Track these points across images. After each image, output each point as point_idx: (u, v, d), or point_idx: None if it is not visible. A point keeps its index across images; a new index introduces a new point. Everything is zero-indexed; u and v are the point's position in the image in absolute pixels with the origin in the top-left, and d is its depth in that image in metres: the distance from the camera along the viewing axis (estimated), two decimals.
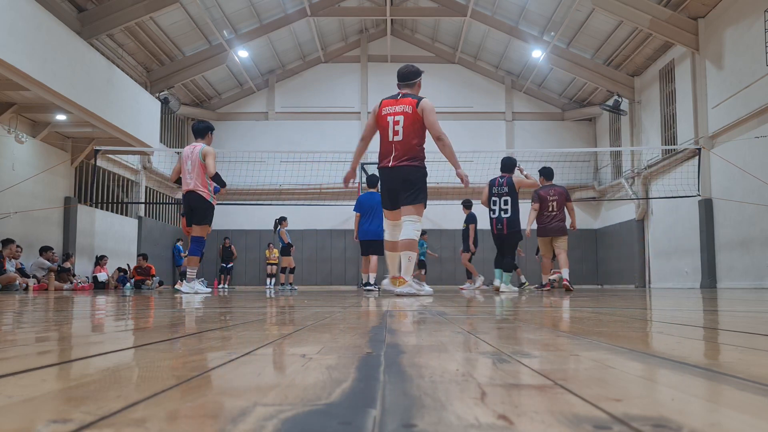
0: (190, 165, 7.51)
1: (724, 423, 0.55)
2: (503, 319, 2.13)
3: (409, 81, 5.61)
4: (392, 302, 4.02)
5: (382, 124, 5.48)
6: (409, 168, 5.39)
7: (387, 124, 5.43)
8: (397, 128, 5.37)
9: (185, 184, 7.55)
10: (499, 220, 8.59)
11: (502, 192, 8.60)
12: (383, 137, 5.49)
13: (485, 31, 18.61)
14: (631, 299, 4.76)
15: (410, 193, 5.42)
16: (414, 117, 5.37)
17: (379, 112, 5.52)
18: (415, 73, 5.65)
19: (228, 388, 0.72)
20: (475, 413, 0.58)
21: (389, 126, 5.41)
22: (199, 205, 7.50)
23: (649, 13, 13.97)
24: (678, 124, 15.26)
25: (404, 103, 5.43)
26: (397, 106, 5.44)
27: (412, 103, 5.40)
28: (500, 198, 8.60)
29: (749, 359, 1.00)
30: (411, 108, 5.38)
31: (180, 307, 3.41)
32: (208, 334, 1.50)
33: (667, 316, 2.48)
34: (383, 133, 5.48)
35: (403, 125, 5.36)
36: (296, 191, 19.39)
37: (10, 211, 11.36)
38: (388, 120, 5.43)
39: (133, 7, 13.55)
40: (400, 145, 5.39)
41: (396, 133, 5.38)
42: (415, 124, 5.37)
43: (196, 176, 7.48)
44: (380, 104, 5.57)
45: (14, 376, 0.79)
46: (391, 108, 5.46)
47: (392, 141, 5.41)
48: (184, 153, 7.68)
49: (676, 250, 15.43)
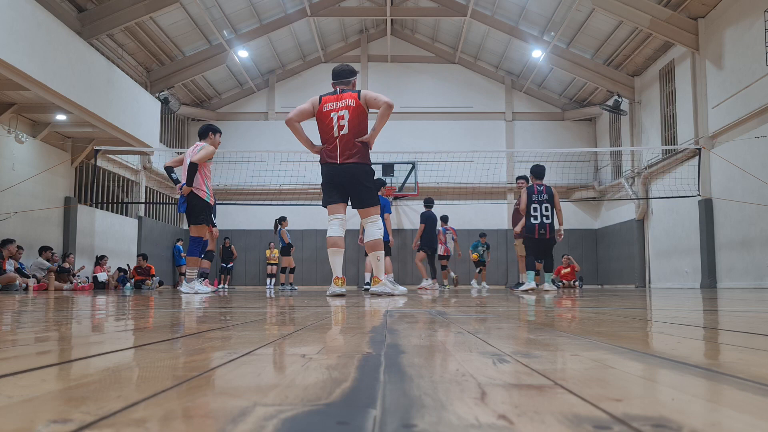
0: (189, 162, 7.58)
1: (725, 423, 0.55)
2: (503, 319, 2.13)
3: (345, 79, 5.70)
4: (392, 302, 4.02)
5: (324, 120, 5.55)
6: (358, 167, 5.46)
7: (331, 120, 5.50)
8: (342, 123, 5.45)
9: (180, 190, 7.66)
10: (542, 225, 9.02)
11: (542, 199, 9.07)
12: (327, 133, 5.54)
13: (485, 31, 18.61)
14: (631, 299, 4.76)
15: (367, 196, 5.54)
16: (359, 109, 5.46)
17: (320, 109, 5.58)
18: (350, 72, 5.75)
19: (228, 388, 0.72)
20: (475, 413, 0.58)
21: (334, 121, 5.48)
22: (196, 204, 7.47)
23: (649, 13, 13.97)
24: (678, 124, 15.26)
25: (346, 97, 5.52)
26: (339, 102, 5.52)
27: (353, 96, 5.50)
28: (541, 204, 9.07)
29: (749, 359, 1.00)
30: (354, 101, 5.48)
31: (180, 307, 3.41)
32: (208, 334, 1.50)
33: (667, 316, 2.48)
34: (326, 129, 5.54)
35: (349, 119, 5.44)
36: (296, 191, 19.39)
37: (11, 212, 11.36)
38: (331, 116, 5.50)
39: (133, 7, 13.55)
40: (346, 138, 5.46)
41: (341, 128, 5.45)
42: (360, 116, 5.47)
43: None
44: (320, 100, 5.62)
45: (14, 376, 0.79)
46: (333, 104, 5.53)
47: (337, 136, 5.47)
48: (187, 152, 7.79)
49: (676, 250, 15.43)
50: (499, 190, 19.69)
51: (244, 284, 19.70)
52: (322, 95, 5.65)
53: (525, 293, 7.62)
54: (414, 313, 2.59)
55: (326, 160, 5.55)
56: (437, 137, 20.23)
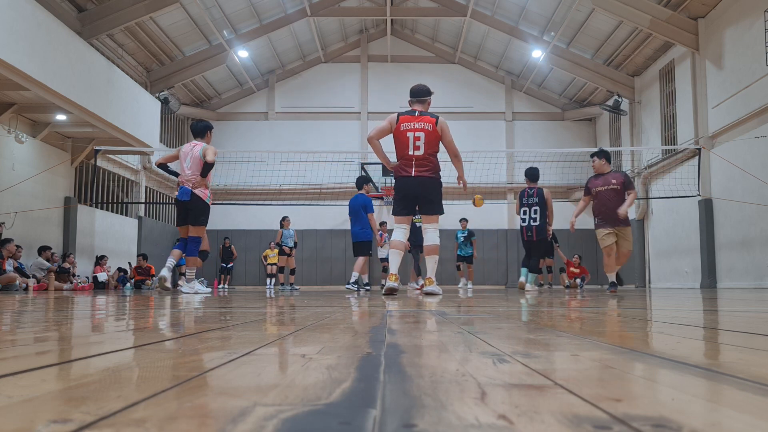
0: (189, 162, 7.42)
1: (725, 423, 0.55)
2: (503, 319, 2.13)
3: (422, 98, 6.11)
4: (392, 303, 4.02)
5: (401, 138, 5.95)
6: (430, 180, 5.94)
7: (407, 139, 5.90)
8: (418, 143, 5.87)
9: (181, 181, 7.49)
10: (529, 228, 9.18)
11: (532, 202, 9.18)
12: (403, 150, 5.95)
13: (485, 31, 18.61)
14: (631, 299, 4.76)
15: (434, 205, 6.01)
16: (434, 134, 5.91)
17: (397, 127, 5.97)
18: (427, 92, 6.18)
19: (228, 388, 0.72)
20: (475, 413, 0.58)
21: (410, 141, 5.90)
22: (198, 205, 7.42)
23: (649, 13, 13.97)
24: (678, 124, 15.26)
25: (424, 120, 5.93)
26: (416, 123, 5.93)
27: (431, 121, 5.93)
28: (530, 207, 9.19)
29: (749, 359, 1.00)
30: (431, 126, 5.91)
31: (180, 307, 3.41)
32: (208, 334, 1.50)
33: (667, 316, 2.48)
34: (402, 146, 5.94)
35: (425, 141, 5.88)
36: (296, 191, 19.39)
37: (11, 212, 11.36)
38: (408, 135, 5.90)
39: (133, 7, 13.55)
40: (421, 158, 5.90)
41: (417, 148, 5.88)
42: (434, 141, 5.93)
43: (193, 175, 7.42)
44: (398, 119, 6.00)
45: (14, 376, 0.79)
46: (411, 124, 5.93)
47: (413, 155, 5.90)
48: (183, 149, 7.60)
49: (676, 250, 15.43)
50: (499, 190, 19.68)
51: (244, 284, 19.70)
52: (400, 114, 6.04)
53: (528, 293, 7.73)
54: (414, 313, 2.59)
55: (400, 173, 5.98)
56: None
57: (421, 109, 6.05)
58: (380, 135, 5.99)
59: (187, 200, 7.38)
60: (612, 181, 7.80)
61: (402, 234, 6.07)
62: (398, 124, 5.94)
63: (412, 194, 5.96)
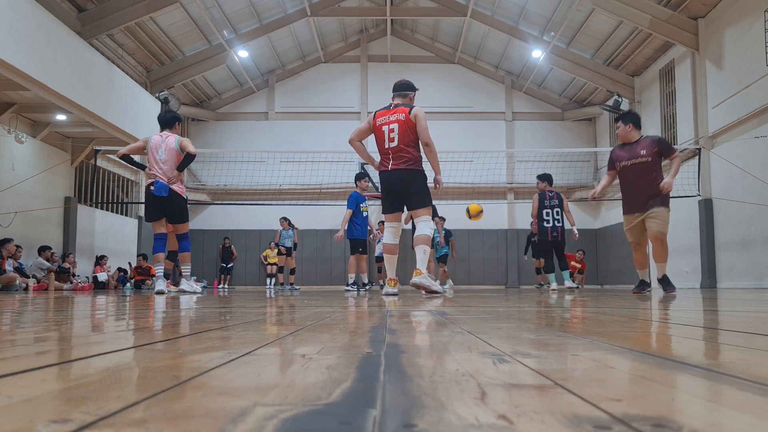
0: (163, 154, 6.96)
1: (724, 423, 0.55)
2: (503, 319, 2.13)
3: (403, 92, 5.98)
4: (392, 303, 4.02)
5: (377, 134, 5.84)
6: (408, 172, 5.73)
7: (383, 133, 5.80)
8: (392, 135, 5.74)
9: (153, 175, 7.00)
10: (555, 228, 9.58)
11: (554, 204, 9.64)
12: (380, 146, 5.84)
13: (485, 31, 18.61)
14: (631, 299, 4.76)
15: (417, 199, 5.80)
16: (407, 123, 5.73)
17: (374, 124, 5.88)
18: (410, 86, 6.05)
19: (228, 388, 0.72)
20: (475, 413, 0.58)
21: (385, 134, 5.78)
22: (178, 202, 7.06)
23: (649, 13, 13.97)
24: (678, 124, 15.26)
25: (397, 112, 5.80)
26: (390, 116, 5.82)
27: (404, 111, 5.78)
28: (553, 209, 9.62)
29: (749, 359, 1.00)
30: (404, 115, 5.75)
31: (180, 307, 3.41)
32: (207, 334, 1.50)
33: (667, 316, 2.48)
34: (380, 141, 5.83)
35: (398, 132, 5.72)
36: (296, 191, 19.39)
37: (11, 212, 11.36)
38: (383, 129, 5.80)
39: (133, 7, 13.55)
40: (396, 149, 5.75)
41: (392, 140, 5.75)
42: (408, 130, 5.74)
43: (170, 169, 6.97)
44: (374, 116, 5.91)
45: (14, 376, 0.79)
46: (385, 118, 5.83)
47: (388, 148, 5.78)
48: (153, 140, 7.10)
49: (676, 250, 15.41)
50: (499, 190, 19.69)
51: (244, 284, 19.70)
52: (377, 111, 5.94)
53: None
54: (414, 313, 2.59)
55: (380, 168, 5.88)
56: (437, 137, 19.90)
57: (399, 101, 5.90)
58: (360, 136, 5.93)
59: (166, 196, 6.95)
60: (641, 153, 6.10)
61: (392, 235, 5.90)
62: (374, 120, 5.85)
63: (393, 189, 5.81)
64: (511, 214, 20.40)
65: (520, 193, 20.04)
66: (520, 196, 19.94)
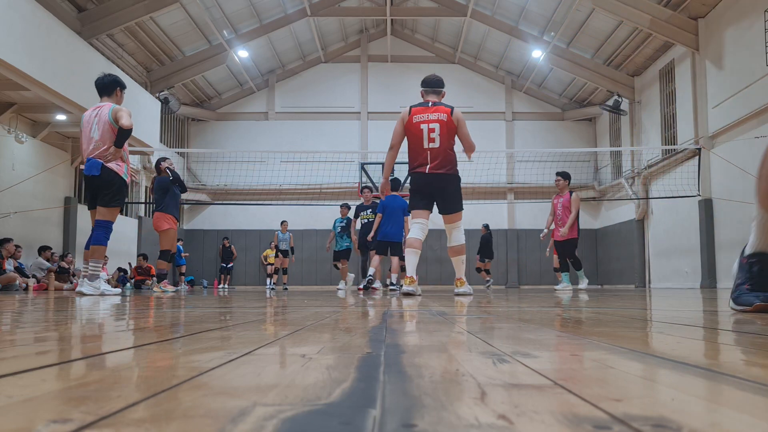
0: (96, 130, 6.04)
1: (724, 423, 0.55)
2: (503, 319, 2.13)
3: (437, 88, 5.79)
4: (391, 303, 4.02)
5: (414, 131, 5.60)
6: (448, 176, 5.62)
7: (421, 132, 5.56)
8: (432, 135, 5.54)
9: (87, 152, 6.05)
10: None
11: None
12: (416, 144, 5.62)
13: (485, 31, 18.62)
14: (631, 299, 4.76)
15: (454, 203, 5.71)
16: (449, 125, 5.55)
17: (409, 120, 5.63)
18: (442, 83, 5.87)
19: (228, 388, 0.72)
20: (475, 413, 0.58)
21: (424, 133, 5.55)
22: (110, 181, 5.98)
23: (649, 13, 13.97)
24: (678, 124, 15.26)
25: (438, 111, 5.59)
26: (430, 114, 5.58)
27: (446, 111, 5.59)
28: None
29: (749, 359, 1.00)
30: (446, 116, 5.57)
31: (180, 307, 3.41)
32: (207, 334, 1.50)
33: (667, 316, 2.48)
34: (416, 140, 5.61)
35: (440, 132, 5.53)
36: (296, 191, 19.39)
37: (10, 212, 11.36)
38: (421, 128, 5.56)
39: (133, 7, 13.56)
40: (436, 151, 5.56)
41: (432, 141, 5.54)
42: (450, 132, 5.57)
43: (104, 145, 6.01)
44: (409, 112, 5.67)
45: (14, 376, 0.79)
46: (424, 116, 5.59)
47: (427, 148, 5.57)
48: (85, 117, 6.19)
49: (676, 250, 15.42)
50: (499, 190, 19.69)
51: (244, 284, 19.70)
52: (412, 106, 5.70)
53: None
54: (414, 313, 2.59)
55: (416, 169, 5.66)
56: None
57: (435, 99, 5.71)
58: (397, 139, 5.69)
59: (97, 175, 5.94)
60: None
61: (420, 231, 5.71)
62: (410, 116, 5.60)
63: (430, 192, 5.69)
64: (511, 214, 20.41)
65: (520, 193, 20.04)
66: (520, 196, 19.95)
